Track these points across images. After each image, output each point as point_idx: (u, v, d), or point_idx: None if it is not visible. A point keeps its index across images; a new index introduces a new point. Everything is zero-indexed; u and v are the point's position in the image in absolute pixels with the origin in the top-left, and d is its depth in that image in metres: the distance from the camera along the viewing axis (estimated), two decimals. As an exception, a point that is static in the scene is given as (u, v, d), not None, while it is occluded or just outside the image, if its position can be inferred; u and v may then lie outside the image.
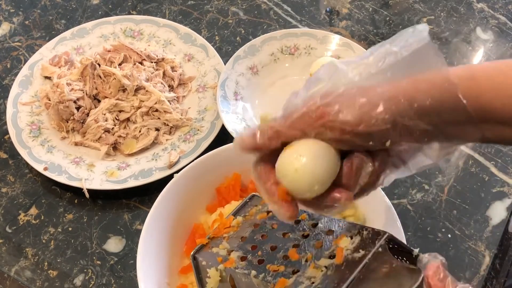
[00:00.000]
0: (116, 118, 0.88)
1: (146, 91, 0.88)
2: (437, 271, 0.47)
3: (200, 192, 0.72)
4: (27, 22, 1.05)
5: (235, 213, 0.64)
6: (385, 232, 0.51)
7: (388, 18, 1.03)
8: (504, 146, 0.87)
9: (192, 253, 0.60)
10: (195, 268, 0.60)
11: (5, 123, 0.88)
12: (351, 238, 0.53)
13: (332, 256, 0.52)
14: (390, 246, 0.51)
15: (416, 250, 0.51)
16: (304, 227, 0.57)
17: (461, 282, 0.47)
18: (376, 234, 0.52)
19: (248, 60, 0.93)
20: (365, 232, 0.53)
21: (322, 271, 0.51)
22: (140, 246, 0.64)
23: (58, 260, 0.77)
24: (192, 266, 0.61)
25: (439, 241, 0.78)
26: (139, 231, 0.78)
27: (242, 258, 0.57)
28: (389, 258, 0.49)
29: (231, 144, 0.72)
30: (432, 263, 0.48)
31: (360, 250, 0.51)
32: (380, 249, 0.50)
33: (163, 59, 0.95)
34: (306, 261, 0.53)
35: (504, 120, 0.45)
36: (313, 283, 0.51)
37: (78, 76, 0.90)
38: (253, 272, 0.54)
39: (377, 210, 0.68)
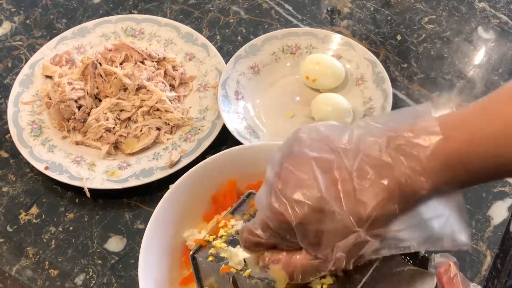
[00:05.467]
0: (117, 118, 0.88)
1: (147, 90, 0.88)
2: (448, 269, 0.47)
3: (196, 202, 0.71)
4: (28, 21, 1.05)
5: (233, 212, 0.63)
6: None
7: (389, 18, 1.03)
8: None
9: (191, 253, 0.60)
10: (194, 268, 0.60)
11: (6, 122, 0.88)
12: None
13: None
14: None
15: (422, 251, 0.51)
16: None
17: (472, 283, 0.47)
18: None
19: (249, 60, 0.93)
20: None
21: (331, 275, 0.51)
22: (140, 262, 0.63)
23: (59, 260, 0.77)
24: (192, 269, 0.60)
25: (440, 240, 0.78)
26: (140, 231, 0.78)
27: (245, 260, 0.55)
28: (400, 261, 0.49)
29: (224, 151, 0.72)
30: (444, 262, 0.48)
31: None
32: None
33: (164, 58, 0.95)
34: None
35: None
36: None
37: (79, 75, 0.90)
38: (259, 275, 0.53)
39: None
